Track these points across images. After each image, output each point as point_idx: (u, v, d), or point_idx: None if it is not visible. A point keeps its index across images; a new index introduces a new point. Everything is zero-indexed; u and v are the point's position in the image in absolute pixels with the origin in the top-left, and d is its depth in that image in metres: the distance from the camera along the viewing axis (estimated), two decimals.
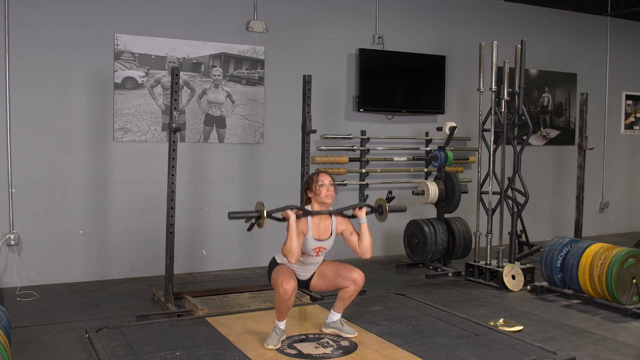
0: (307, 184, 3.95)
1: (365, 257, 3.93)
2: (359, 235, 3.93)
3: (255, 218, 3.76)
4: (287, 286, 3.68)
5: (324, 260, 4.09)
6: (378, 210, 4.09)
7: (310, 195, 3.92)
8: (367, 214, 3.99)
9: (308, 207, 3.93)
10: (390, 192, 4.14)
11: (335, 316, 4.12)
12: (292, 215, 3.74)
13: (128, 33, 6.14)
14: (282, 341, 3.91)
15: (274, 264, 3.98)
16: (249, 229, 3.86)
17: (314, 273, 4.05)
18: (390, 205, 4.09)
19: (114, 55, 6.09)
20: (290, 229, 3.71)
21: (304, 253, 3.88)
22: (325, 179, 3.88)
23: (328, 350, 3.83)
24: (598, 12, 9.01)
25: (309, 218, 3.87)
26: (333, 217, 3.95)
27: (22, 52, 5.74)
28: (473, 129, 7.88)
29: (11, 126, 5.74)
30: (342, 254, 5.92)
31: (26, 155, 5.81)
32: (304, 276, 4.04)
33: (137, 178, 6.25)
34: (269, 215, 3.77)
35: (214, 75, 6.54)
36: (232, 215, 3.76)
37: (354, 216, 4.00)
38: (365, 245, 3.89)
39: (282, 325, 3.90)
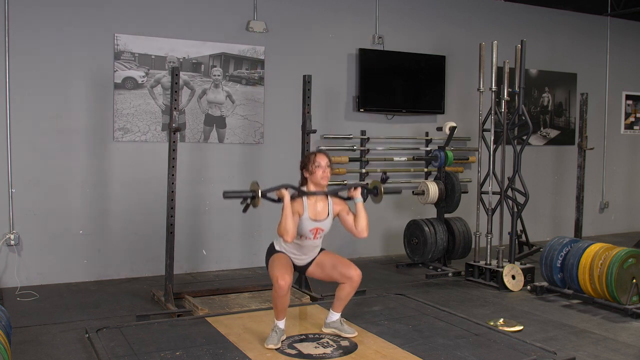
0: (304, 164, 3.93)
1: (362, 236, 3.92)
2: (355, 215, 3.92)
3: (250, 198, 3.76)
4: (282, 282, 3.68)
5: (323, 250, 4.08)
6: (373, 192, 4.10)
7: (306, 174, 3.92)
8: (362, 195, 4.00)
9: (304, 188, 3.92)
10: (384, 173, 4.15)
11: (334, 316, 4.12)
12: (286, 194, 3.75)
13: (128, 33, 6.14)
14: (282, 341, 3.91)
15: (271, 250, 3.97)
16: (244, 209, 3.87)
17: (313, 260, 4.03)
18: (386, 187, 4.09)
19: (114, 55, 6.09)
20: (285, 208, 3.71)
21: (301, 236, 3.86)
22: (322, 160, 3.87)
23: (328, 350, 3.82)
24: (598, 12, 9.01)
25: (305, 198, 3.85)
26: (329, 197, 3.94)
27: (22, 52, 5.74)
28: (473, 129, 7.88)
29: (11, 126, 5.74)
30: (343, 252, 5.91)
31: (26, 155, 5.81)
32: (302, 262, 4.01)
33: (137, 178, 6.25)
34: (264, 195, 3.78)
35: (214, 75, 6.54)
36: (227, 195, 3.77)
37: (349, 198, 3.99)
38: (362, 224, 3.89)
39: (281, 324, 3.90)
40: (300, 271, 4.11)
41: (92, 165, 6.07)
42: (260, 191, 3.74)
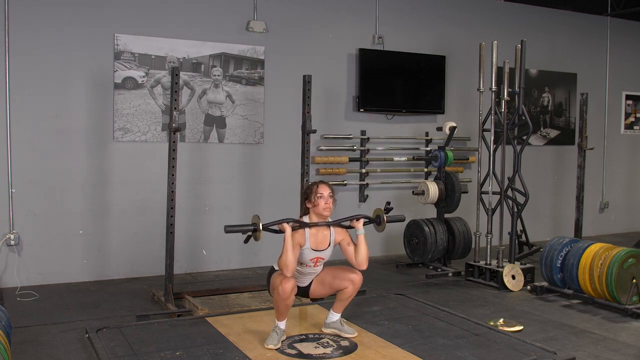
0: (306, 194, 3.93)
1: (361, 268, 3.93)
2: (355, 246, 3.93)
3: (251, 231, 3.78)
4: (287, 285, 3.68)
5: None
6: (376, 221, 4.11)
7: (308, 205, 3.91)
8: (365, 224, 4.00)
9: (306, 218, 3.92)
10: (388, 203, 4.15)
11: (334, 316, 4.12)
12: (288, 228, 3.74)
13: (128, 33, 6.14)
14: (282, 341, 3.91)
15: (272, 271, 3.99)
16: (246, 241, 3.89)
17: (312, 281, 4.06)
18: (389, 215, 4.10)
19: (114, 55, 6.09)
20: (286, 242, 3.71)
21: (302, 263, 3.89)
22: (324, 191, 3.86)
23: (328, 350, 3.82)
24: (598, 12, 9.01)
25: (307, 229, 3.86)
26: (331, 227, 3.94)
27: (22, 52, 5.74)
28: (473, 129, 7.88)
29: (11, 126, 5.74)
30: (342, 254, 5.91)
31: (26, 155, 5.81)
32: (303, 284, 4.04)
33: (137, 178, 6.25)
34: (265, 228, 3.78)
35: (214, 75, 6.54)
36: (229, 229, 3.80)
37: (351, 227, 3.99)
38: (362, 256, 3.90)
39: (282, 325, 3.90)
40: (302, 294, 4.11)
41: (92, 165, 6.07)
42: (261, 224, 3.75)
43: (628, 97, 9.56)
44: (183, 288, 5.61)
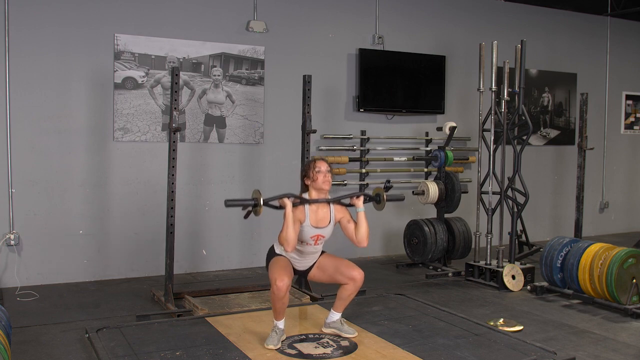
0: (304, 171, 3.95)
1: (362, 245, 3.94)
2: (356, 223, 3.93)
3: (251, 206, 3.77)
4: (281, 284, 3.68)
5: (324, 252, 4.08)
6: (376, 199, 4.12)
7: (307, 182, 3.93)
8: (364, 202, 4.01)
9: (306, 195, 3.92)
10: (388, 182, 4.16)
11: (335, 316, 4.12)
12: (288, 203, 3.75)
13: (128, 33, 6.14)
14: (282, 341, 3.91)
15: (272, 253, 3.97)
16: (246, 216, 3.88)
17: (314, 264, 4.04)
18: (388, 194, 4.10)
19: (114, 55, 6.09)
20: (287, 217, 3.71)
21: (302, 241, 3.87)
22: (322, 166, 3.89)
23: (328, 350, 3.82)
24: (598, 12, 9.01)
25: (307, 206, 3.86)
26: (331, 205, 3.95)
27: (22, 52, 5.74)
28: (473, 129, 7.88)
29: (11, 126, 5.74)
30: (343, 254, 5.92)
31: (26, 155, 5.81)
32: (303, 266, 4.02)
33: (137, 178, 6.25)
34: (266, 204, 3.78)
35: (214, 75, 6.54)
36: (229, 203, 3.79)
37: (351, 205, 4.00)
38: (362, 233, 3.90)
39: (281, 324, 3.90)
40: (301, 275, 4.11)
41: (92, 165, 6.07)
42: (262, 199, 3.74)
43: (628, 97, 9.56)
44: (183, 288, 5.61)
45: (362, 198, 3.99)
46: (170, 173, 4.96)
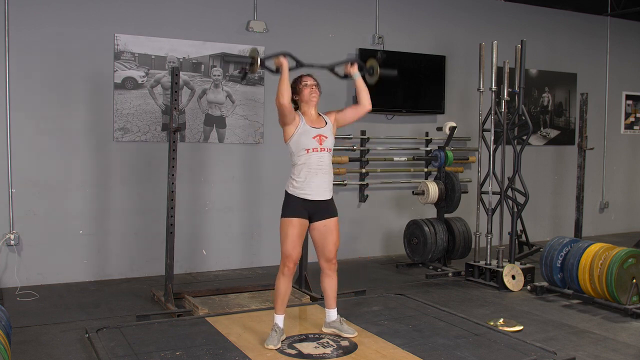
0: (291, 87, 3.97)
1: (368, 108, 4.15)
2: (350, 106, 4.18)
3: (248, 64, 3.86)
4: (280, 283, 3.88)
5: (336, 217, 4.00)
6: (369, 71, 4.19)
7: (295, 98, 4.01)
8: (359, 69, 4.16)
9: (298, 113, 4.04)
10: (380, 52, 4.24)
11: (332, 313, 4.12)
12: (285, 62, 3.85)
13: (128, 33, 6.14)
14: (282, 341, 3.91)
15: (287, 202, 3.95)
16: (243, 77, 3.95)
17: (323, 217, 3.95)
18: (382, 68, 4.20)
19: (114, 55, 6.09)
20: (283, 73, 3.82)
21: (307, 149, 3.91)
22: (308, 80, 4.02)
23: (328, 350, 3.82)
24: (598, 12, 9.01)
25: (300, 113, 3.98)
26: (321, 114, 4.08)
27: (22, 52, 5.73)
28: (473, 129, 7.88)
29: (11, 126, 5.74)
30: (343, 254, 5.92)
31: (26, 155, 5.81)
32: (317, 194, 3.92)
33: (137, 178, 6.25)
34: (262, 63, 3.90)
35: (214, 75, 6.54)
36: (227, 59, 3.87)
37: (346, 75, 4.15)
38: (364, 97, 4.12)
39: (280, 322, 3.90)
40: (310, 220, 3.96)
41: (92, 165, 6.07)
42: (259, 59, 3.80)
43: (628, 97, 9.56)
44: (183, 288, 5.61)
45: (356, 65, 4.14)
46: (170, 173, 4.96)
